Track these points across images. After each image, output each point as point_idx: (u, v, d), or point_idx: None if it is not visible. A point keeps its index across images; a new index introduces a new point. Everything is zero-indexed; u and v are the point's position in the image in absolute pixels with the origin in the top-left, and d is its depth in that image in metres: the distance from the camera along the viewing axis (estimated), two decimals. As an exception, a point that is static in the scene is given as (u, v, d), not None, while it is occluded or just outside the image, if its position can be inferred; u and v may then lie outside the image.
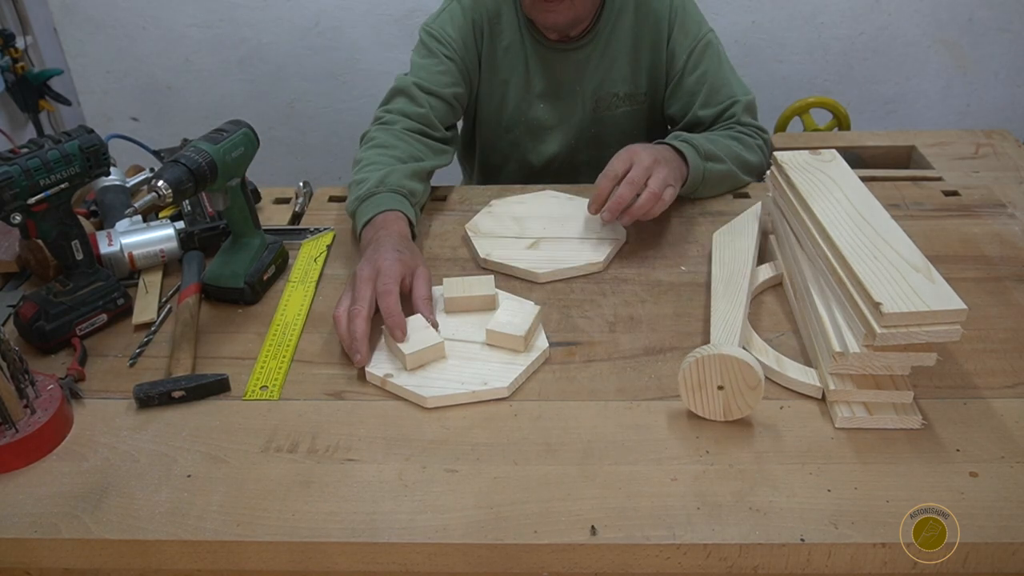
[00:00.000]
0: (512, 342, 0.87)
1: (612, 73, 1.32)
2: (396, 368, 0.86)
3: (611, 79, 1.33)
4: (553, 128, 1.37)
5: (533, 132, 1.38)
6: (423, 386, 0.83)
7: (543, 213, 1.15)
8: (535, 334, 0.90)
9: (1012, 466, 0.73)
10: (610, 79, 1.33)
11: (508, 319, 0.89)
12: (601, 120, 1.36)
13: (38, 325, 0.90)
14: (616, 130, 1.38)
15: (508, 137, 1.39)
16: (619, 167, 1.04)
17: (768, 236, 1.08)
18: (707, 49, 1.28)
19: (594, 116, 1.36)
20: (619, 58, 1.31)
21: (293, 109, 2.32)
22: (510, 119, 1.37)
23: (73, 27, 2.21)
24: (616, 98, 1.35)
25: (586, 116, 1.36)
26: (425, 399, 0.82)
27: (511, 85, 1.34)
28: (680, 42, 1.28)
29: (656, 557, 0.68)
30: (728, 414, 0.78)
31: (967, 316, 0.73)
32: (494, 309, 0.93)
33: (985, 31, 2.18)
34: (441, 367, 0.86)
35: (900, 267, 0.79)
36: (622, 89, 1.34)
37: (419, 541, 0.68)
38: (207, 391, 0.85)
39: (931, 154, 1.39)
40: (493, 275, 0.99)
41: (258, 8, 2.17)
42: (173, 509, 0.72)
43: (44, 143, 0.88)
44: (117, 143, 1.23)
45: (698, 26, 1.29)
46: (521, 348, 0.87)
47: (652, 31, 1.29)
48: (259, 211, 1.16)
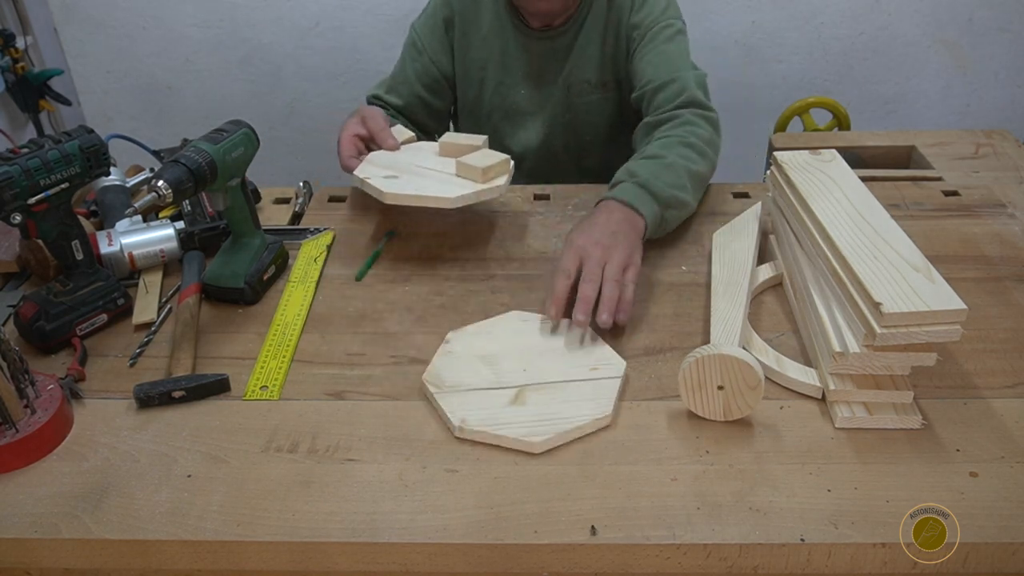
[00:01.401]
0: (473, 172, 1.06)
1: (583, 60, 1.33)
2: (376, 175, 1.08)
3: (582, 66, 1.33)
4: (530, 115, 1.39)
5: (511, 118, 1.40)
6: (386, 184, 1.05)
7: (516, 347, 0.90)
8: (498, 176, 1.08)
9: (1012, 466, 0.73)
10: (581, 66, 1.33)
11: (479, 157, 1.08)
12: (574, 107, 1.37)
13: (38, 325, 0.90)
14: (589, 118, 1.39)
15: (488, 124, 1.41)
16: (570, 265, 0.93)
17: (768, 236, 1.08)
18: (663, 31, 1.27)
19: (567, 102, 1.37)
20: (590, 45, 1.32)
21: (293, 109, 2.32)
22: (489, 105, 1.39)
23: (73, 27, 2.20)
24: (588, 85, 1.35)
25: (561, 102, 1.37)
26: (384, 194, 1.04)
27: (489, 71, 1.36)
28: (637, 22, 1.28)
29: (656, 557, 0.68)
30: (728, 414, 0.78)
31: (967, 316, 0.73)
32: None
33: (985, 31, 2.18)
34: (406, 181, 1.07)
35: (900, 267, 0.79)
36: (593, 77, 1.34)
37: (419, 541, 0.68)
38: (207, 391, 0.85)
39: (931, 154, 1.39)
40: (486, 136, 1.16)
41: (258, 8, 2.17)
42: (173, 509, 0.72)
43: (44, 143, 0.88)
44: (117, 143, 1.23)
45: (662, 11, 1.29)
46: (479, 179, 1.06)
47: (617, 17, 1.31)
48: (259, 211, 1.16)
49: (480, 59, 1.36)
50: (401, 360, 0.90)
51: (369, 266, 1.07)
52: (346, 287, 1.04)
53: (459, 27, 1.35)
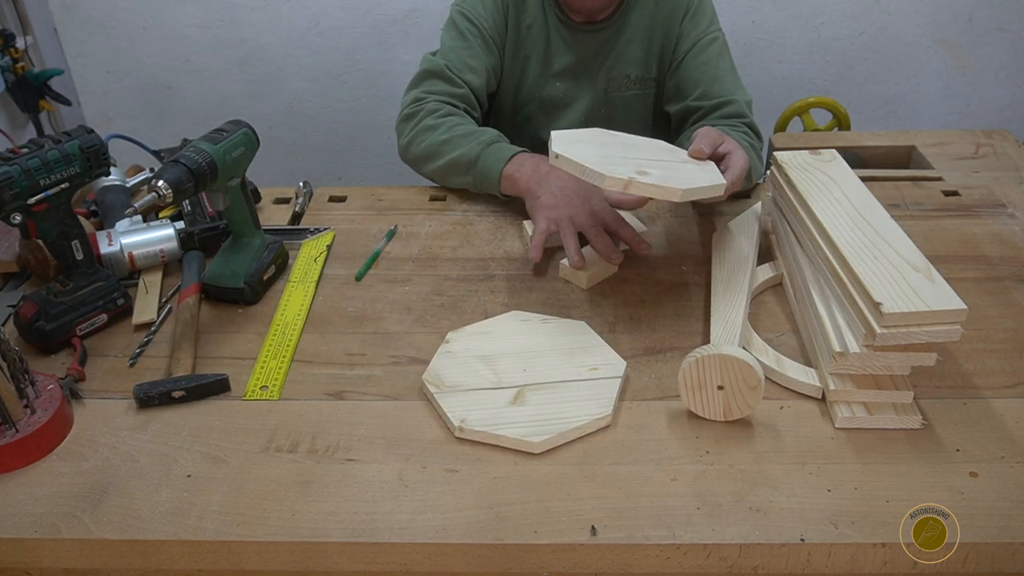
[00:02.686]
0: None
1: (626, 55, 1.34)
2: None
3: (624, 60, 1.34)
4: (566, 107, 1.39)
5: (546, 109, 1.39)
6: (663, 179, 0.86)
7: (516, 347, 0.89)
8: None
9: (1012, 466, 0.73)
10: (623, 60, 1.34)
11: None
12: (611, 100, 1.37)
13: (38, 325, 0.90)
14: (625, 112, 1.39)
15: (522, 112, 1.41)
16: (714, 134, 0.98)
17: (768, 236, 1.08)
18: (712, 44, 1.30)
19: (605, 96, 1.37)
20: (634, 40, 1.33)
21: (293, 109, 2.32)
22: (526, 95, 1.39)
23: (73, 27, 2.20)
24: (627, 80, 1.36)
25: (598, 96, 1.37)
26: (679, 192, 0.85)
27: (531, 62, 1.35)
28: (689, 30, 1.30)
29: (656, 557, 0.68)
30: (728, 414, 0.78)
31: (967, 316, 0.73)
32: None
33: (985, 31, 2.18)
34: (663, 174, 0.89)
35: (900, 267, 0.79)
36: (634, 72, 1.35)
37: (419, 541, 0.68)
38: (207, 391, 0.85)
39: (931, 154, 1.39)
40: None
41: (258, 8, 2.17)
42: (173, 509, 0.72)
43: (44, 143, 0.88)
44: (117, 143, 1.23)
45: (710, 21, 1.32)
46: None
47: (668, 18, 1.31)
48: (259, 211, 1.16)
49: (525, 49, 1.35)
50: (401, 360, 0.90)
51: (369, 266, 1.07)
52: (346, 287, 1.04)
53: (512, 17, 1.33)
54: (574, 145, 0.91)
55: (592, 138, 0.98)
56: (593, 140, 0.97)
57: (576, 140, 0.94)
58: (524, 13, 1.33)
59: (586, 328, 0.91)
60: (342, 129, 2.35)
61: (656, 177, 0.86)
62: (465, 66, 1.29)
